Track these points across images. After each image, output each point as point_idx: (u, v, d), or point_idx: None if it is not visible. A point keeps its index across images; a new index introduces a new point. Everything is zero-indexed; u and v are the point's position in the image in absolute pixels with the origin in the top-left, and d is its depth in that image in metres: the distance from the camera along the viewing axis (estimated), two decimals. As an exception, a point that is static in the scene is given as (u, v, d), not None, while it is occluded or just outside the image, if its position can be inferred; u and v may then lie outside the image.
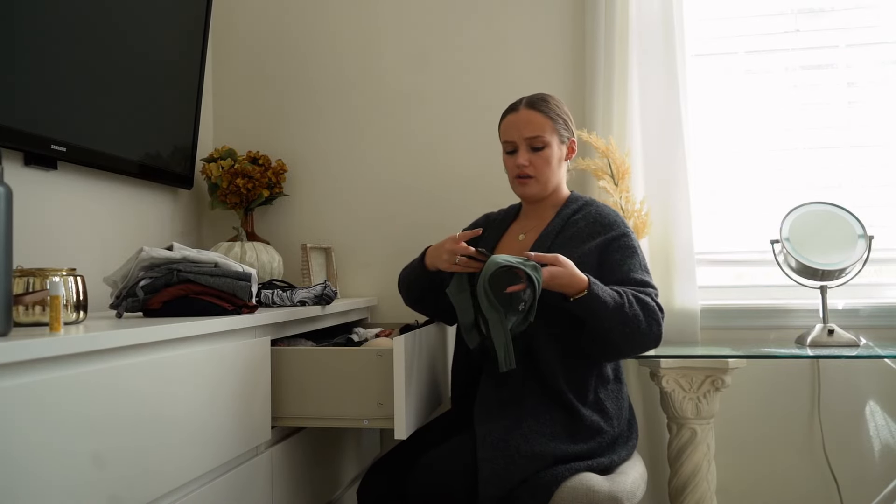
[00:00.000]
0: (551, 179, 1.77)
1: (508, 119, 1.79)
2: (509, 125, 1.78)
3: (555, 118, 1.76)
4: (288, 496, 1.65)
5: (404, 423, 1.50)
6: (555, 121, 1.76)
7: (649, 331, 1.58)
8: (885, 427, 2.22)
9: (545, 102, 1.77)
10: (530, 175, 1.75)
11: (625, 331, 1.56)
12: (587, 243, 1.68)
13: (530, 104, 1.77)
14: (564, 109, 1.80)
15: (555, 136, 1.75)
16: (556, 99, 1.81)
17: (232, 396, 1.40)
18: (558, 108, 1.78)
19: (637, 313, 1.57)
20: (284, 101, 2.50)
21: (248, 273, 1.52)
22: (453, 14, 2.42)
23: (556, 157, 1.76)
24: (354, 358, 1.58)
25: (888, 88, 2.30)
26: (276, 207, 2.46)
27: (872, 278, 2.27)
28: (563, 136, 1.77)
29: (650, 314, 1.59)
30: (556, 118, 1.76)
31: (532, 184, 1.76)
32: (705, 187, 2.36)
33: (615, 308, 1.55)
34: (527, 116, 1.75)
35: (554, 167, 1.76)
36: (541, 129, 1.74)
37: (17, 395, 0.90)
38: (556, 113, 1.77)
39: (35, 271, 1.20)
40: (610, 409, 1.64)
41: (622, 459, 1.63)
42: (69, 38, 1.67)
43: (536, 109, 1.76)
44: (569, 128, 1.80)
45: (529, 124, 1.74)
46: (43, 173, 1.70)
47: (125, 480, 1.09)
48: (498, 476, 1.47)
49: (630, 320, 1.56)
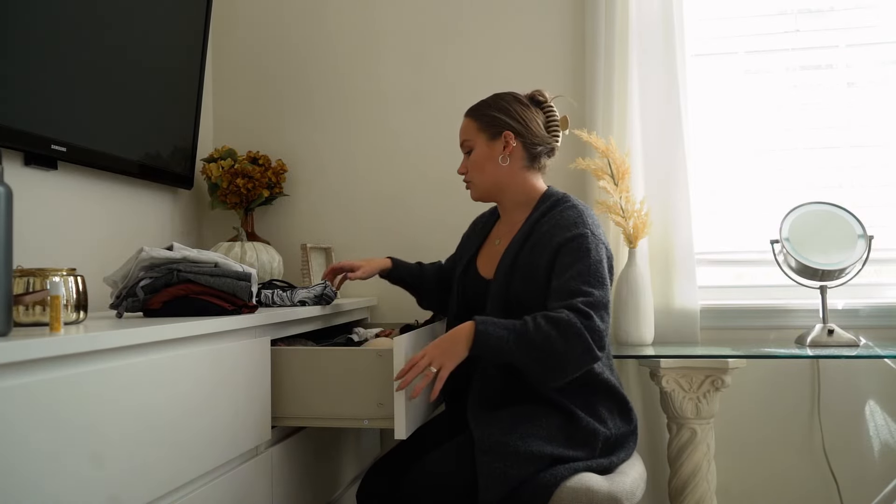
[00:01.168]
0: (487, 179, 1.73)
1: None
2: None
3: (479, 117, 1.73)
4: (288, 496, 1.65)
5: (404, 424, 1.50)
6: (479, 119, 1.73)
7: (570, 347, 1.46)
8: (885, 427, 2.22)
9: (479, 105, 1.76)
10: (468, 181, 1.77)
11: (539, 357, 1.47)
12: (548, 250, 1.61)
13: (467, 111, 1.78)
14: (502, 104, 1.72)
15: (481, 135, 1.72)
16: (499, 96, 1.75)
17: (232, 396, 1.40)
18: (491, 106, 1.73)
19: (547, 334, 1.45)
20: (284, 101, 2.50)
21: (248, 273, 1.52)
22: (453, 15, 2.42)
23: (484, 156, 1.72)
24: (355, 358, 1.58)
25: (888, 88, 2.30)
26: (276, 207, 2.46)
27: (872, 278, 2.27)
28: (492, 133, 1.71)
29: (566, 329, 1.46)
30: (482, 116, 1.73)
31: (472, 187, 1.77)
32: (705, 187, 2.36)
33: (517, 339, 1.47)
34: (462, 125, 1.77)
35: (487, 167, 1.72)
36: (466, 133, 1.75)
37: (17, 395, 0.90)
38: (484, 112, 1.73)
39: (35, 271, 1.20)
40: (606, 412, 1.62)
41: (622, 460, 1.63)
42: (69, 38, 1.67)
43: (468, 115, 1.77)
44: (498, 121, 1.71)
45: (461, 133, 1.77)
46: (43, 173, 1.70)
47: (125, 480, 1.09)
48: (497, 478, 1.47)
49: (539, 346, 1.46)
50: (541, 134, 1.72)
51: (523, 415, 1.57)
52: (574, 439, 1.56)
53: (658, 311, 2.20)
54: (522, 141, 1.71)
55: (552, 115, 1.76)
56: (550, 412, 1.58)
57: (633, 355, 1.99)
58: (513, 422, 1.56)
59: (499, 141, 1.71)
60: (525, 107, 1.73)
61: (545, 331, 1.46)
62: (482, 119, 1.73)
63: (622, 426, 1.65)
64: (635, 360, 2.21)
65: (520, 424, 1.55)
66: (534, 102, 1.75)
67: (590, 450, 1.57)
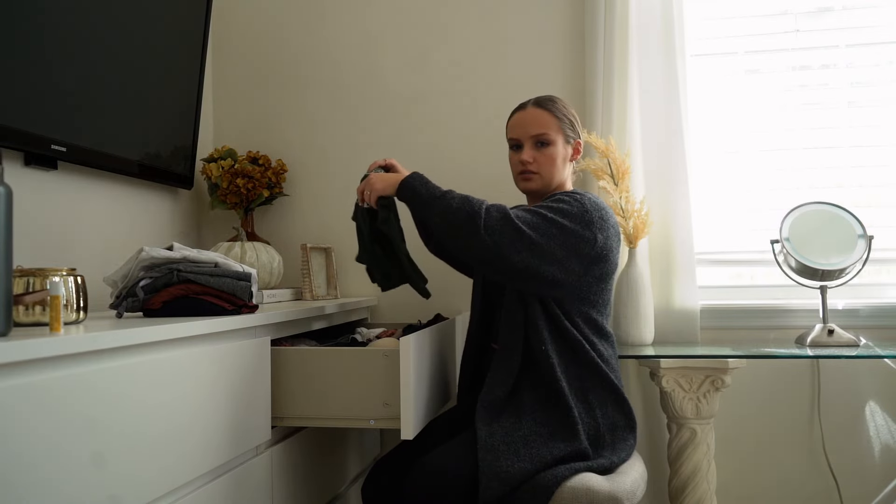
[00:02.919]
0: (554, 177, 1.79)
1: (516, 117, 1.83)
2: (516, 123, 1.82)
3: (561, 118, 1.79)
4: (288, 496, 1.65)
5: (411, 424, 1.50)
6: (561, 120, 1.79)
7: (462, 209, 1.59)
8: (885, 427, 2.22)
9: (552, 102, 1.82)
10: (533, 171, 1.78)
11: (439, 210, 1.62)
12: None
13: (538, 103, 1.81)
14: (571, 111, 1.83)
15: (560, 135, 1.78)
16: (563, 101, 1.84)
17: (232, 396, 1.40)
18: (565, 109, 1.82)
19: (455, 196, 1.62)
20: (284, 101, 2.50)
21: (248, 273, 1.52)
22: (453, 14, 2.42)
23: (560, 155, 1.79)
24: (360, 358, 1.58)
25: (888, 88, 2.30)
26: (276, 207, 2.46)
27: (872, 278, 2.27)
28: (568, 136, 1.80)
29: (469, 201, 1.61)
30: (563, 118, 1.80)
31: (535, 179, 1.79)
32: (705, 187, 2.36)
33: (429, 193, 1.65)
34: (534, 114, 1.79)
35: (558, 165, 1.78)
36: (546, 126, 1.78)
37: (17, 395, 0.90)
38: (563, 113, 1.80)
39: (35, 271, 1.20)
40: (608, 411, 1.64)
41: (622, 460, 1.63)
42: (69, 37, 1.67)
43: (543, 108, 1.80)
44: (574, 129, 1.82)
45: (536, 122, 1.78)
46: (43, 173, 1.70)
47: (125, 480, 1.09)
48: (498, 477, 1.47)
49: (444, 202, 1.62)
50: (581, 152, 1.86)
51: (527, 414, 1.58)
52: (576, 436, 1.57)
53: (658, 311, 2.20)
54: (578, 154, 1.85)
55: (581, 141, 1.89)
56: (553, 410, 1.59)
57: (633, 355, 1.99)
58: (517, 421, 1.57)
59: (570, 145, 1.81)
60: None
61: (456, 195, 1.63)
62: (563, 120, 1.80)
63: (623, 425, 1.65)
64: (635, 360, 2.21)
65: (523, 423, 1.56)
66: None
67: (593, 445, 1.58)
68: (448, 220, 1.61)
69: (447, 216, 1.61)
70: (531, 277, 1.59)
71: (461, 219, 1.59)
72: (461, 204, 1.61)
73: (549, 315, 1.65)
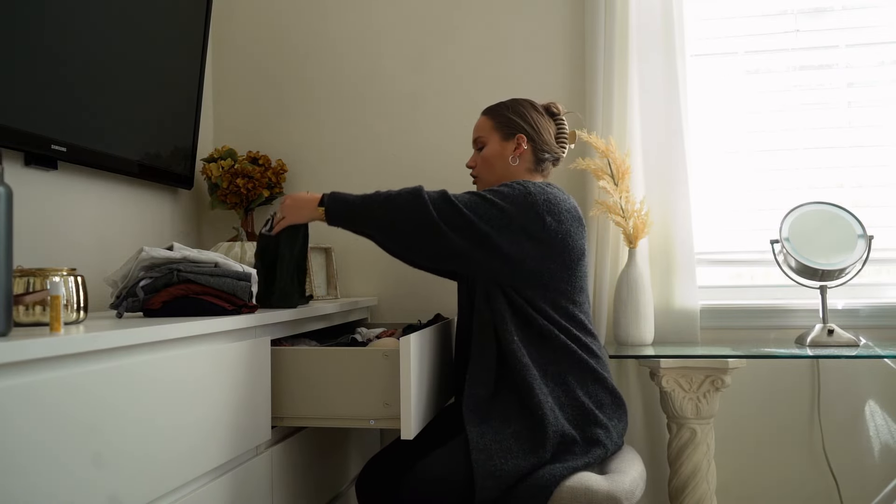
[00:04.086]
0: (496, 175, 1.81)
1: None
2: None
3: (497, 116, 1.83)
4: (288, 496, 1.65)
5: (412, 424, 1.50)
6: (496, 119, 1.82)
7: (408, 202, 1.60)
8: (885, 427, 2.22)
9: (497, 106, 1.86)
10: (475, 175, 1.87)
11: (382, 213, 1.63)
12: None
13: (484, 110, 1.87)
14: (520, 109, 1.83)
15: (495, 134, 1.82)
16: (518, 101, 1.85)
17: (232, 396, 1.40)
18: (509, 108, 1.83)
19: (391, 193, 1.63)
20: (284, 101, 2.50)
21: (248, 273, 1.52)
22: (453, 14, 2.42)
23: (496, 154, 1.81)
24: (361, 358, 1.58)
25: (888, 88, 2.30)
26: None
27: (872, 278, 2.27)
28: (506, 134, 1.80)
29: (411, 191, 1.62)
30: (499, 116, 1.82)
31: (478, 181, 1.86)
32: (705, 187, 2.36)
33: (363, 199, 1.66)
34: (477, 122, 1.87)
35: (496, 164, 1.81)
36: (480, 130, 1.85)
37: (17, 395, 0.90)
38: (501, 112, 1.83)
39: (35, 271, 1.20)
40: (590, 389, 1.64)
41: (616, 443, 1.64)
42: (70, 38, 1.67)
43: (485, 114, 1.87)
44: (514, 124, 1.80)
45: (475, 129, 1.87)
46: (43, 173, 1.70)
47: (125, 480, 1.09)
48: (493, 476, 1.48)
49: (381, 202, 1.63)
50: (550, 143, 1.82)
51: (513, 412, 1.59)
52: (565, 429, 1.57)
53: (658, 311, 2.20)
54: (533, 146, 1.81)
55: (563, 128, 1.87)
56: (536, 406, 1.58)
57: (633, 355, 1.99)
58: (505, 420, 1.57)
59: (511, 142, 1.80)
60: (540, 115, 1.83)
61: (392, 192, 1.62)
62: (499, 119, 1.82)
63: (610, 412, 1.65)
64: (635, 360, 2.21)
65: (511, 421, 1.57)
66: (548, 113, 1.86)
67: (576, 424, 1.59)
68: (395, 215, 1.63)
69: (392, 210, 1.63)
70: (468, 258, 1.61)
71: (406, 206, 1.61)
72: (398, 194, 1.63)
73: (514, 307, 1.66)
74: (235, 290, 1.47)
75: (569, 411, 1.60)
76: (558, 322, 1.66)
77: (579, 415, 1.60)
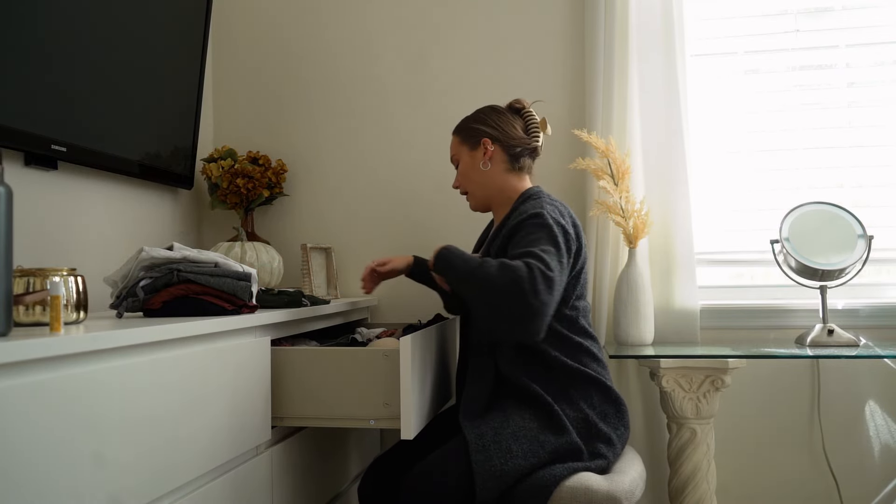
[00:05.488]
0: (480, 187, 1.83)
1: None
2: None
3: (460, 131, 1.87)
4: (288, 496, 1.65)
5: (412, 424, 1.50)
6: (461, 133, 1.86)
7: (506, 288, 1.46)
8: (885, 427, 2.22)
9: (462, 121, 1.89)
10: (464, 192, 1.88)
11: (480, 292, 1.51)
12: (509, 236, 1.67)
13: (453, 131, 1.90)
14: (479, 116, 1.84)
15: (463, 147, 1.85)
16: (478, 110, 1.86)
17: (232, 396, 1.40)
18: (470, 119, 1.85)
19: (490, 272, 1.49)
20: (284, 101, 2.50)
21: (249, 273, 1.52)
22: (453, 15, 2.42)
23: (469, 165, 1.83)
24: (361, 358, 1.58)
25: (888, 88, 2.30)
26: (276, 207, 2.46)
27: (872, 278, 2.27)
28: (472, 143, 1.83)
29: (507, 271, 1.48)
30: (462, 130, 1.86)
31: (469, 198, 1.88)
32: (705, 187, 2.36)
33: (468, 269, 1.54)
34: (450, 143, 1.90)
35: (473, 176, 1.83)
36: (453, 149, 1.89)
37: (18, 395, 0.90)
38: (464, 126, 1.86)
39: (35, 271, 1.20)
40: (594, 401, 1.64)
41: (618, 455, 1.64)
42: (69, 37, 1.67)
43: (453, 133, 1.89)
44: (475, 131, 1.82)
45: (450, 150, 1.90)
46: (43, 173, 1.70)
47: (125, 480, 1.09)
48: (493, 476, 1.48)
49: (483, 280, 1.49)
50: (518, 136, 1.82)
51: (511, 411, 1.59)
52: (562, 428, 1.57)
53: (658, 311, 2.20)
54: (500, 145, 1.81)
55: (531, 119, 1.85)
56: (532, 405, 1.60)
57: (633, 355, 1.99)
58: (503, 419, 1.58)
59: (479, 149, 1.82)
60: (500, 114, 1.84)
61: (489, 270, 1.50)
62: (462, 132, 1.86)
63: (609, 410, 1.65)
64: (635, 360, 2.21)
65: (510, 420, 1.57)
66: (511, 110, 1.87)
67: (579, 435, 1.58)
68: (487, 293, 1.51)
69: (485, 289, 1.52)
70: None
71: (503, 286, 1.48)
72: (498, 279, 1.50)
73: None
74: (235, 290, 1.47)
75: (574, 424, 1.60)
76: (560, 332, 1.65)
77: (583, 428, 1.61)
